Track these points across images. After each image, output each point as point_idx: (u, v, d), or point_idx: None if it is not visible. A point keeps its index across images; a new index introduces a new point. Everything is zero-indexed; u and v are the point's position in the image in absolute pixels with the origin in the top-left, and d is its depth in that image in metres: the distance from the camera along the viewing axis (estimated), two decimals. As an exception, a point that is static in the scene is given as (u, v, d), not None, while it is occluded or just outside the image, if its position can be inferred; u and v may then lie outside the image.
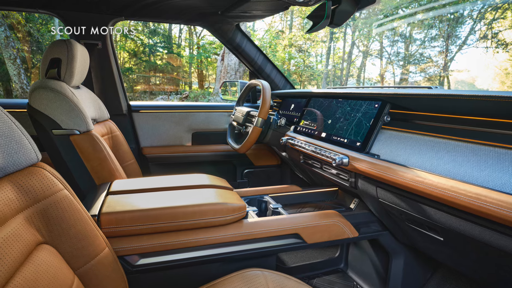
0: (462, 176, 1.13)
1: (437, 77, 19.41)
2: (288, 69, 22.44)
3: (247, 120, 2.60)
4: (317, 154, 1.85)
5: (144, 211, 1.44)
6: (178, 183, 1.79)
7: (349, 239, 1.75)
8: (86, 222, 1.09)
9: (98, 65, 2.81)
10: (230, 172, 3.41)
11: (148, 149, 3.09)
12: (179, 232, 1.48)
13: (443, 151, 1.25)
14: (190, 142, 3.25)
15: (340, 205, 2.11)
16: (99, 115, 2.36)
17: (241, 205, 1.60)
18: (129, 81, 19.31)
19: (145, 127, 3.11)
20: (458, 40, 18.70)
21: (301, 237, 1.64)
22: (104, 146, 1.98)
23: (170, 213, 1.46)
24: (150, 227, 1.43)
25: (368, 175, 1.51)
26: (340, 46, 24.16)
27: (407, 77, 20.79)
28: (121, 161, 2.44)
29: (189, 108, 3.23)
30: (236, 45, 3.03)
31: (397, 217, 1.59)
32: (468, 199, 1.04)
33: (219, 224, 1.54)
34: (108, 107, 2.80)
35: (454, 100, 1.21)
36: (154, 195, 1.62)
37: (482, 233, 1.09)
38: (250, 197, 2.15)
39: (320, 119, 2.05)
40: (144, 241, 1.41)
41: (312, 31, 1.87)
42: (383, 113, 1.58)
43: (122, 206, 1.46)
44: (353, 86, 2.54)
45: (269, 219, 1.66)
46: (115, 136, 2.49)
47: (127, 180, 1.87)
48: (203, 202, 1.53)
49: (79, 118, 1.89)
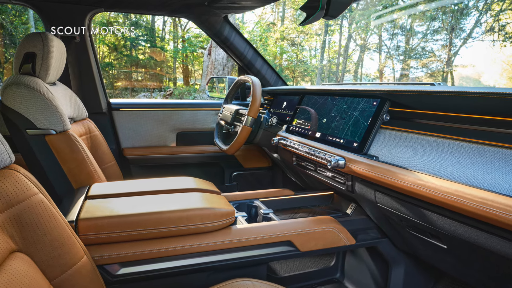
0: (467, 179, 1.13)
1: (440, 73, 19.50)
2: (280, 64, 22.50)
3: (236, 119, 2.59)
4: (311, 155, 1.85)
5: (125, 216, 1.43)
6: (161, 186, 1.79)
7: (346, 247, 1.75)
8: (62, 228, 1.08)
9: (75, 60, 2.80)
10: (218, 175, 3.41)
11: (129, 150, 3.07)
12: (163, 240, 1.47)
13: (446, 152, 1.25)
14: (174, 143, 3.25)
15: (336, 210, 2.12)
16: (77, 113, 2.35)
17: (229, 211, 1.60)
18: (109, 77, 19.25)
19: (126, 126, 3.10)
20: (462, 33, 18.76)
21: (293, 245, 1.63)
22: (82, 147, 1.97)
23: (153, 219, 1.45)
24: (131, 234, 1.42)
25: (366, 178, 1.51)
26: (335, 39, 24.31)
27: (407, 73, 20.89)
28: (100, 163, 2.42)
29: (173, 106, 3.23)
30: (224, 38, 3.03)
31: (397, 223, 1.59)
32: (473, 204, 1.04)
33: (206, 230, 1.53)
34: (87, 105, 2.77)
35: (458, 98, 1.21)
36: (136, 199, 1.61)
37: (488, 240, 1.09)
38: (239, 202, 2.14)
39: (314, 118, 2.05)
40: (125, 249, 1.40)
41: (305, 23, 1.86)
42: (382, 111, 1.58)
43: (101, 212, 1.45)
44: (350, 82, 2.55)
45: (260, 226, 1.65)
46: (93, 136, 2.48)
47: (107, 184, 1.88)
48: (189, 207, 1.53)
49: (55, 117, 1.88)
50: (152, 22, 20.74)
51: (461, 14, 18.40)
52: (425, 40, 20.24)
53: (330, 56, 23.98)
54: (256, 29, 22.66)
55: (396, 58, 22.17)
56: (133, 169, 3.13)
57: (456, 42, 18.95)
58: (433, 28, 19.68)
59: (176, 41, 22.30)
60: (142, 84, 19.98)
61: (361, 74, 24.14)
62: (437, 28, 19.50)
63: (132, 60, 19.59)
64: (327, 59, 23.88)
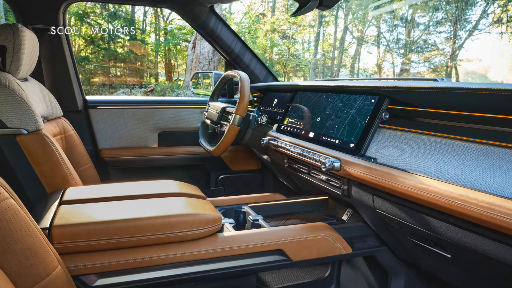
0: (472, 182, 1.13)
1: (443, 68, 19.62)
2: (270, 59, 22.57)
3: (223, 118, 2.59)
4: (303, 157, 1.85)
5: (103, 223, 1.43)
6: (142, 191, 1.79)
7: (341, 256, 1.75)
8: (35, 236, 1.07)
9: (49, 54, 2.80)
10: (203, 178, 3.41)
11: (107, 151, 3.07)
12: (144, 248, 1.47)
13: (450, 153, 1.25)
14: (156, 143, 3.25)
15: (331, 217, 2.12)
16: (51, 111, 2.35)
17: (215, 217, 1.60)
18: (85, 72, 19.22)
19: (103, 125, 3.09)
20: (468, 25, 18.82)
21: (285, 254, 1.64)
22: (56, 148, 1.96)
23: (133, 226, 1.45)
24: (110, 242, 1.42)
25: (363, 181, 1.51)
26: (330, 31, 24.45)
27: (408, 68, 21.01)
28: (76, 165, 2.42)
29: (155, 103, 3.24)
30: (210, 30, 3.02)
31: (397, 230, 1.59)
32: (479, 210, 1.04)
33: (190, 238, 1.53)
34: (61, 103, 2.76)
35: (463, 95, 1.21)
36: (115, 204, 1.61)
37: (496, 249, 1.09)
38: (226, 207, 2.14)
39: (308, 117, 2.05)
40: (103, 258, 1.40)
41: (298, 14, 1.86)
42: (381, 109, 1.58)
43: (77, 218, 1.44)
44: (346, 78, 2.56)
45: (248, 233, 1.66)
46: (68, 136, 2.48)
47: (83, 188, 1.87)
48: (172, 213, 1.53)
49: (27, 116, 1.88)
50: (132, 13, 20.72)
51: (466, 4, 18.43)
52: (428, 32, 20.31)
53: (324, 49, 24.11)
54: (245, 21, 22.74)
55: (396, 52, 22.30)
56: (111, 172, 3.12)
57: (461, 34, 19.04)
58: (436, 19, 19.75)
59: (158, 33, 22.28)
60: (121, 80, 19.95)
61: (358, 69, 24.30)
62: (441, 19, 19.54)
63: (110, 54, 19.57)
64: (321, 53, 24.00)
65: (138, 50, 20.33)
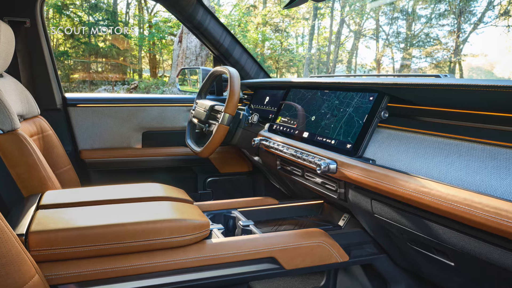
0: (477, 186, 1.13)
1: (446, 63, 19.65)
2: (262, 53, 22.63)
3: (211, 117, 2.59)
4: (297, 158, 1.85)
5: (83, 229, 1.42)
6: (125, 194, 1.79)
7: (338, 264, 1.76)
8: (10, 243, 1.07)
9: (25, 48, 2.80)
10: (190, 181, 3.42)
11: (87, 152, 3.06)
12: (127, 256, 1.46)
13: (453, 154, 1.26)
14: (140, 144, 3.26)
15: (326, 222, 2.12)
16: (27, 110, 2.34)
17: (203, 222, 1.60)
18: (65, 68, 19.21)
19: (84, 125, 3.09)
20: (472, 17, 18.78)
21: (277, 262, 1.63)
22: (34, 149, 1.95)
23: (115, 232, 1.44)
24: (90, 250, 1.41)
25: (361, 184, 1.51)
26: (326, 24, 24.51)
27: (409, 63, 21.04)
28: (54, 167, 2.40)
29: (138, 101, 3.24)
30: (197, 23, 3.02)
31: (396, 236, 1.60)
32: (485, 215, 1.04)
33: (176, 245, 1.53)
34: (38, 101, 2.73)
35: (467, 92, 1.22)
36: (96, 209, 1.61)
37: (502, 257, 1.09)
38: (215, 212, 2.14)
39: (302, 115, 2.05)
40: (83, 266, 1.39)
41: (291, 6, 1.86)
42: (380, 107, 1.58)
43: (55, 223, 1.43)
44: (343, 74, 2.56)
45: (238, 240, 1.66)
46: (46, 136, 2.47)
47: (62, 191, 1.86)
48: (156, 218, 1.52)
49: (2, 114, 1.86)
50: (114, 5, 20.70)
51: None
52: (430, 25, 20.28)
53: (319, 44, 24.17)
54: (235, 13, 22.77)
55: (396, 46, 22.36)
56: (92, 175, 3.12)
57: (465, 27, 19.02)
58: (438, 11, 19.71)
59: (142, 26, 22.25)
60: (103, 76, 19.93)
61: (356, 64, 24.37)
62: (444, 12, 19.51)
63: (91, 48, 19.57)
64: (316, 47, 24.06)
65: (121, 44, 20.32)
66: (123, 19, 21.83)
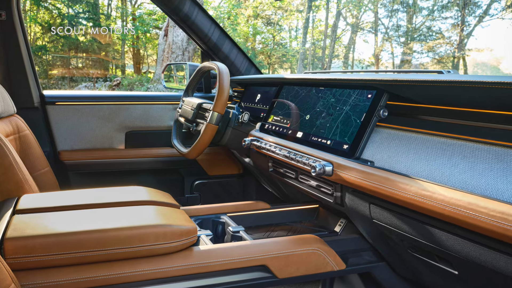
0: (483, 189, 1.13)
1: (450, 59, 19.65)
2: (253, 48, 22.66)
3: (199, 116, 2.59)
4: (291, 160, 1.85)
5: (62, 235, 1.42)
6: (107, 198, 1.80)
7: (334, 273, 1.76)
8: None
9: (1, 43, 2.80)
10: (176, 184, 3.42)
11: (67, 153, 3.06)
12: (109, 264, 1.46)
13: (457, 156, 1.26)
14: (123, 145, 3.26)
15: (322, 228, 2.12)
16: (2, 108, 2.34)
17: (190, 228, 1.61)
18: (43, 63, 19.14)
19: (63, 124, 3.09)
20: (477, 10, 18.72)
21: (270, 270, 1.64)
22: (9, 150, 1.95)
23: (97, 239, 1.44)
24: (70, 257, 1.41)
25: (358, 188, 1.51)
26: (321, 17, 24.55)
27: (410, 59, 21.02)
28: (31, 169, 2.40)
29: (121, 99, 3.25)
30: (184, 16, 3.02)
31: (396, 243, 1.60)
32: (491, 220, 1.04)
33: (161, 252, 1.54)
34: (15, 98, 2.75)
35: (472, 89, 1.22)
36: (76, 214, 1.61)
37: (509, 264, 1.10)
38: (203, 217, 2.14)
39: (295, 114, 2.05)
40: (63, 275, 1.38)
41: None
42: (379, 106, 1.58)
43: (33, 229, 1.43)
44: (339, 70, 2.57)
45: (228, 246, 1.67)
46: (23, 137, 2.48)
47: (39, 195, 1.88)
48: (141, 224, 1.53)
49: None
50: (95, -4, 20.64)
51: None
52: (432, 18, 20.20)
53: (314, 37, 24.20)
54: (224, 5, 22.78)
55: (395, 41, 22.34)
56: (72, 177, 3.12)
57: (469, 20, 18.98)
58: (441, 3, 19.63)
59: (125, 19, 22.21)
60: (83, 72, 19.89)
61: (353, 60, 24.41)
62: (447, 3, 19.39)
63: (70, 42, 19.51)
64: (310, 42, 24.09)
65: (103, 38, 20.28)
66: (105, 11, 21.79)
